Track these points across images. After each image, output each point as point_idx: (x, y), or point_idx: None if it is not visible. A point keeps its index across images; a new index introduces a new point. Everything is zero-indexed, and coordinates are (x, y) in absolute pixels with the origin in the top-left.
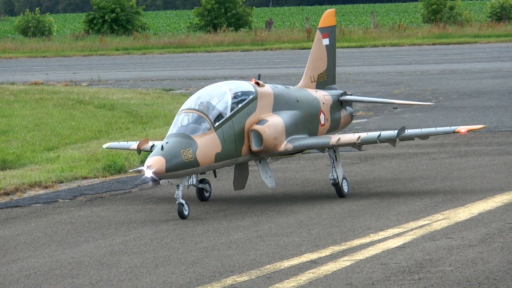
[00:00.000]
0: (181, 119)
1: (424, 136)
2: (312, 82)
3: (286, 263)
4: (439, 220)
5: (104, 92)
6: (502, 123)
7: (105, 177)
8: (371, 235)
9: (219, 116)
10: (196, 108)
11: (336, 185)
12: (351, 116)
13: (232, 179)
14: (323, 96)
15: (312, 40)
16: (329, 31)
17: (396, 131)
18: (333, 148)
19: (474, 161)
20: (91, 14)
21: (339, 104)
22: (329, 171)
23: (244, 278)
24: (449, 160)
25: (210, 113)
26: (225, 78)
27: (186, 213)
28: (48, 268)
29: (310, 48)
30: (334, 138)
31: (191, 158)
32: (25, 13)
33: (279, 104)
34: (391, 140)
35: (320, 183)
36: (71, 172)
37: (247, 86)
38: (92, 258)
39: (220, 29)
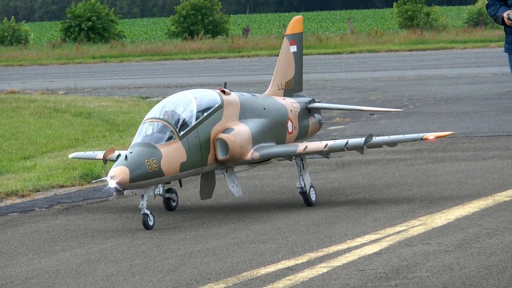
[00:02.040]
0: (146, 129)
1: (392, 144)
2: (279, 89)
3: (263, 270)
4: (415, 226)
5: (81, 100)
6: (478, 128)
7: (82, 185)
8: (348, 241)
9: (184, 125)
10: (161, 117)
11: (304, 193)
12: (320, 124)
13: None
14: (291, 104)
15: None
16: (296, 38)
17: (363, 139)
18: (300, 156)
19: (450, 166)
20: (67, 22)
21: (307, 111)
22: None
23: (221, 285)
24: (425, 166)
25: (175, 122)
26: (202, 85)
27: (151, 223)
28: (25, 277)
29: None
30: (301, 146)
31: (156, 168)
32: (2, 21)
33: (246, 112)
34: (359, 148)
35: (297, 190)
36: (48, 181)
37: (213, 94)
38: (68, 266)
39: (197, 36)
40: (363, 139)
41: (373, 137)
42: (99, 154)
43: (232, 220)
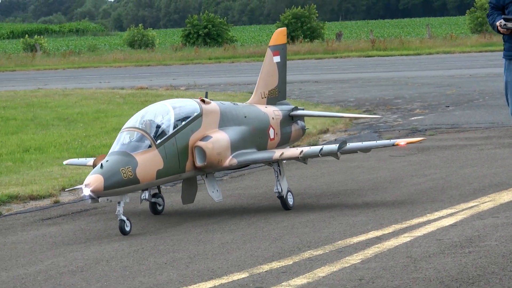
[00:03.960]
0: (123, 138)
1: (365, 150)
2: (262, 98)
3: (355, 239)
4: (486, 202)
5: (199, 95)
6: None
7: None
8: (428, 215)
9: (162, 133)
10: (138, 126)
11: (281, 198)
12: (303, 130)
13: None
14: (273, 112)
15: (376, 49)
16: (280, 49)
17: (337, 145)
18: (277, 162)
19: None
20: (187, 30)
21: (290, 118)
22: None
23: (319, 252)
24: (494, 150)
25: (152, 131)
26: (301, 82)
27: (127, 229)
28: (153, 244)
29: (374, 56)
30: (277, 153)
31: (131, 176)
32: (131, 28)
33: (226, 120)
34: (333, 154)
35: (380, 173)
36: None
37: (192, 104)
38: (190, 235)
39: (297, 41)
40: (337, 145)
41: (347, 144)
42: (90, 161)
43: (328, 196)
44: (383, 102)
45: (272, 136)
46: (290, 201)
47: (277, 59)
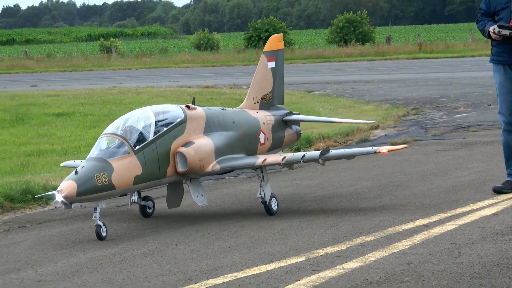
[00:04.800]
0: (101, 143)
1: (347, 157)
2: (255, 103)
3: (403, 227)
4: None
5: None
6: None
7: None
8: (471, 205)
9: (141, 139)
10: (116, 132)
11: (264, 203)
12: (298, 134)
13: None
14: (265, 117)
15: (423, 52)
16: (275, 55)
17: (319, 152)
18: (261, 168)
19: None
20: (249, 33)
21: (283, 123)
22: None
23: (371, 238)
24: None
25: (131, 137)
26: (354, 82)
27: (103, 234)
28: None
29: (421, 58)
30: (260, 159)
31: (106, 182)
32: (198, 32)
33: (212, 125)
34: (315, 160)
35: (427, 166)
36: None
37: (176, 109)
38: (252, 222)
39: (349, 43)
40: (319, 152)
41: (330, 151)
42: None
43: (379, 187)
44: (429, 101)
45: (262, 141)
46: (274, 206)
47: (271, 64)
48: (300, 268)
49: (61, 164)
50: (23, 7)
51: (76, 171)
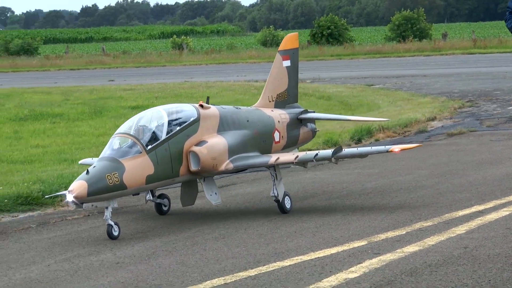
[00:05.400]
0: (113, 143)
1: (361, 156)
2: (270, 101)
3: (460, 213)
4: None
5: (322, 87)
6: None
7: (324, 149)
8: None
9: (154, 139)
10: (128, 132)
11: (278, 201)
12: (313, 132)
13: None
14: (279, 115)
15: (477, 48)
16: (290, 54)
17: (332, 151)
18: (274, 167)
19: None
20: (314, 30)
21: (298, 121)
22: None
23: (429, 223)
24: None
25: (143, 137)
26: (412, 76)
27: (115, 234)
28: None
29: (475, 54)
30: (273, 158)
31: (117, 182)
32: (264, 29)
33: (226, 124)
34: (328, 159)
35: (482, 155)
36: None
37: (189, 109)
38: (316, 208)
39: (407, 40)
40: (331, 151)
41: (342, 150)
42: None
43: (436, 175)
44: (483, 94)
45: (277, 139)
46: (287, 204)
47: (287, 63)
48: (362, 252)
49: (79, 162)
50: (101, 7)
51: (88, 171)
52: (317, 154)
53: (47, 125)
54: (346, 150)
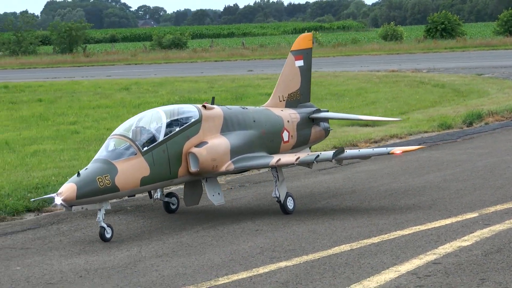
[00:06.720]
0: (108, 145)
1: (362, 157)
2: (280, 101)
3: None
4: None
5: (437, 76)
6: None
7: (439, 131)
8: None
9: (150, 140)
10: (124, 134)
11: (280, 202)
12: (326, 131)
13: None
14: (289, 115)
15: None
16: (303, 54)
17: (333, 153)
18: (276, 168)
19: None
20: (429, 26)
21: (309, 121)
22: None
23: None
24: None
25: (139, 139)
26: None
27: (108, 236)
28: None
29: None
30: (274, 159)
31: (108, 184)
32: (385, 25)
33: (230, 125)
34: (329, 160)
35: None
36: (417, 128)
37: (191, 109)
38: (433, 183)
39: None
40: (333, 152)
41: (344, 151)
42: None
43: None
44: None
45: (286, 138)
46: (290, 205)
47: (300, 63)
48: (474, 223)
49: None
50: (241, 6)
51: (79, 173)
52: (318, 155)
53: None
54: (348, 152)
